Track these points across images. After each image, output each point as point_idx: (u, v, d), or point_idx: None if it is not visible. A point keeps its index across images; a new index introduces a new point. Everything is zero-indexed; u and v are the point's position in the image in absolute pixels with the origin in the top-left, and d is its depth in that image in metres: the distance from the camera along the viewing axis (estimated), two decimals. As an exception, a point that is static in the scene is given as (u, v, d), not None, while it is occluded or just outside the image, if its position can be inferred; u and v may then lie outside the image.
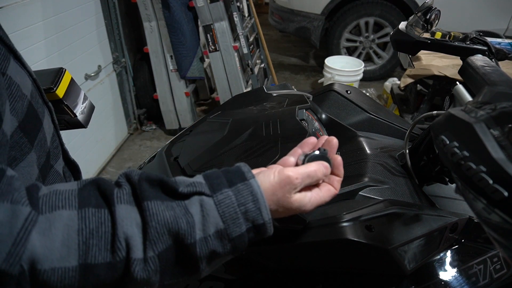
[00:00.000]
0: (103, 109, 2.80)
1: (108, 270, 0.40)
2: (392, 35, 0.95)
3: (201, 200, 0.45)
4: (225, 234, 0.45)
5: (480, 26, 3.47)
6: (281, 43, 5.39)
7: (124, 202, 0.42)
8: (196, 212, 0.44)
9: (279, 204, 0.49)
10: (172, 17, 2.69)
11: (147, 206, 0.42)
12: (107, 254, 0.40)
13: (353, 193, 0.77)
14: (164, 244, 0.42)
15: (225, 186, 0.46)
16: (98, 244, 0.39)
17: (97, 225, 0.40)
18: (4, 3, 1.81)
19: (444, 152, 0.49)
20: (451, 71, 2.42)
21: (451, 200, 0.84)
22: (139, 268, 0.41)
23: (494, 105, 0.48)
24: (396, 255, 0.65)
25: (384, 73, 4.12)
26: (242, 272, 0.78)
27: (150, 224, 0.41)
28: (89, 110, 0.83)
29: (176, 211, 0.43)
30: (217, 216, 0.45)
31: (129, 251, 0.40)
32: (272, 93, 1.09)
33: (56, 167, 0.61)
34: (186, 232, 0.43)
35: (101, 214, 0.41)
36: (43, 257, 0.37)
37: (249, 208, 0.46)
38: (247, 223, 0.46)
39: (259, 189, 0.47)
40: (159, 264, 0.42)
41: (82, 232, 0.39)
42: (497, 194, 0.41)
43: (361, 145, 0.92)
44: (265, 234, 0.48)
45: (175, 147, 1.00)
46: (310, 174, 0.51)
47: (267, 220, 0.47)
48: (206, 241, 0.44)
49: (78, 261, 0.38)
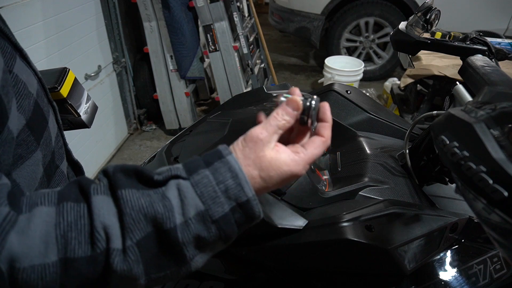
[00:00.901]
0: (103, 109, 2.80)
1: (89, 264, 0.39)
2: (392, 35, 0.95)
3: (177, 183, 0.43)
4: (206, 215, 0.42)
5: (480, 26, 3.47)
6: (281, 43, 5.38)
7: (100, 193, 0.41)
8: (173, 196, 0.42)
9: (257, 167, 0.45)
10: (172, 17, 2.69)
11: (121, 194, 0.41)
12: (87, 247, 0.39)
13: (353, 193, 0.78)
14: (142, 232, 0.40)
15: (202, 167, 0.44)
16: (77, 237, 0.39)
17: (76, 218, 0.39)
18: (4, 3, 1.81)
19: (444, 152, 0.49)
20: (451, 71, 2.42)
21: (451, 200, 0.84)
22: (119, 259, 0.39)
23: (494, 105, 0.48)
24: (396, 255, 0.65)
25: (384, 73, 4.12)
26: (242, 272, 0.78)
27: (125, 211, 0.40)
28: (92, 110, 0.83)
29: (153, 197, 0.41)
30: (195, 197, 0.42)
31: (108, 241, 0.39)
32: (272, 93, 1.09)
33: (62, 168, 0.61)
34: (164, 216, 0.41)
35: (80, 207, 0.40)
36: (21, 255, 0.36)
37: (229, 185, 0.43)
38: (229, 202, 0.43)
39: (237, 164, 0.44)
40: (139, 254, 0.40)
41: (60, 225, 0.38)
42: (497, 194, 0.41)
43: (361, 145, 0.92)
44: (254, 215, 0.45)
45: (175, 147, 1.00)
46: (271, 122, 0.47)
47: (251, 196, 0.44)
48: (187, 225, 0.41)
49: (57, 256, 0.38)
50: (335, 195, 0.76)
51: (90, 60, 2.62)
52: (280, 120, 0.48)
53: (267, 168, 0.46)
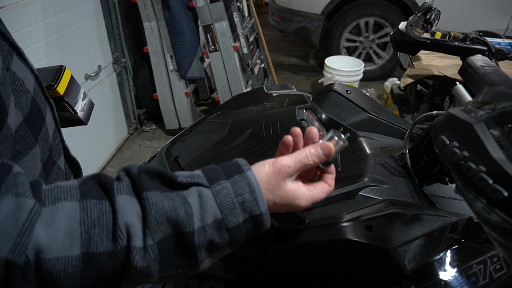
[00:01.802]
0: (103, 109, 2.80)
1: (110, 259, 0.41)
2: (392, 35, 0.95)
3: (199, 190, 0.46)
4: (222, 224, 0.46)
5: (480, 26, 3.47)
6: (281, 43, 5.38)
7: (124, 193, 0.43)
8: (194, 202, 0.45)
9: (275, 194, 0.50)
10: (172, 17, 2.69)
11: (146, 196, 0.43)
12: (108, 243, 0.41)
13: (353, 193, 0.78)
14: (163, 233, 0.43)
15: (222, 178, 0.48)
16: (99, 233, 0.40)
17: (99, 215, 0.41)
18: (4, 3, 1.81)
19: (444, 152, 0.49)
20: (451, 71, 2.42)
21: (451, 200, 0.84)
22: (139, 257, 0.42)
23: (494, 105, 0.48)
24: (396, 255, 0.65)
25: (384, 73, 4.12)
26: (242, 272, 0.78)
27: (150, 213, 0.42)
28: (89, 107, 0.84)
29: (175, 201, 0.44)
30: (215, 206, 0.45)
31: (129, 240, 0.41)
32: (272, 93, 1.09)
33: (59, 163, 0.62)
34: (185, 221, 0.44)
35: (102, 205, 0.42)
36: (47, 247, 0.38)
37: (246, 199, 0.47)
38: (244, 214, 0.47)
39: (255, 180, 0.48)
40: (158, 253, 0.43)
41: (84, 222, 0.40)
42: (497, 194, 0.41)
43: (361, 145, 0.92)
44: (262, 227, 0.49)
45: (175, 147, 1.01)
46: (301, 159, 0.51)
47: (264, 211, 0.48)
48: (204, 230, 0.45)
49: (80, 250, 0.39)
50: (335, 195, 0.76)
51: (90, 60, 2.62)
52: (310, 160, 0.52)
53: (283, 197, 0.50)
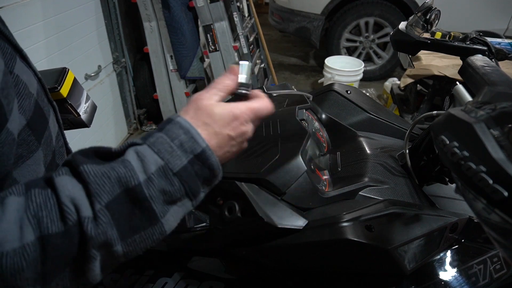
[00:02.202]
0: (103, 109, 2.80)
1: (65, 237, 0.40)
2: (392, 35, 0.95)
3: (135, 149, 0.46)
4: (167, 169, 0.45)
5: (480, 26, 3.47)
6: (281, 43, 5.38)
7: (62, 175, 0.43)
8: (133, 159, 0.45)
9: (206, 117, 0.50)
10: (172, 17, 2.69)
11: (82, 169, 0.43)
12: (59, 222, 0.40)
13: (353, 193, 0.78)
14: (109, 194, 0.42)
15: (155, 132, 0.48)
16: (48, 215, 0.40)
17: (44, 200, 0.41)
18: (4, 3, 1.81)
19: (444, 152, 0.49)
20: (451, 71, 2.42)
21: (451, 200, 0.84)
22: (92, 226, 0.41)
23: (494, 105, 0.48)
24: (396, 255, 0.65)
25: (384, 73, 4.12)
26: (242, 272, 0.78)
27: (89, 180, 0.42)
28: (91, 110, 0.84)
29: (112, 164, 0.44)
30: (153, 154, 0.45)
31: (78, 212, 0.41)
32: (272, 93, 1.09)
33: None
34: (127, 175, 0.43)
35: (46, 191, 0.42)
36: (2, 241, 0.38)
37: (182, 140, 0.47)
38: (186, 155, 0.46)
39: (186, 121, 0.48)
40: (110, 216, 0.42)
41: (30, 208, 0.40)
42: (497, 194, 0.41)
43: (361, 145, 0.92)
44: (212, 165, 0.48)
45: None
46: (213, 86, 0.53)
47: (205, 146, 0.47)
48: (150, 180, 0.44)
49: (34, 235, 0.39)
50: (335, 195, 0.76)
51: (90, 60, 2.62)
52: (220, 84, 0.53)
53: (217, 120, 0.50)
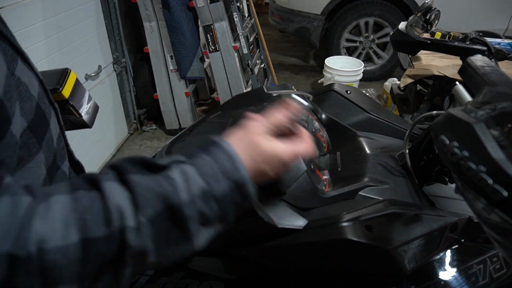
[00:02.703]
0: (103, 109, 2.80)
1: (106, 242, 0.41)
2: (392, 35, 0.95)
3: (180, 167, 0.47)
4: (209, 193, 0.47)
5: (480, 26, 3.46)
6: (281, 43, 5.38)
7: (110, 180, 0.45)
8: (178, 177, 0.46)
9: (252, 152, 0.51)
10: (172, 17, 2.69)
11: (130, 178, 0.44)
12: (103, 227, 0.42)
13: (353, 193, 0.78)
14: (153, 209, 0.44)
15: (199, 153, 0.49)
16: (93, 219, 0.41)
17: (90, 203, 0.42)
18: (4, 3, 1.81)
19: (444, 152, 0.49)
20: (451, 71, 2.42)
21: (451, 200, 0.84)
22: (133, 236, 0.42)
23: (494, 105, 0.48)
24: (396, 255, 0.65)
25: (384, 73, 4.12)
26: (242, 272, 0.78)
27: (137, 191, 0.44)
28: (93, 110, 0.84)
29: (159, 178, 0.46)
30: (197, 177, 0.47)
31: (122, 220, 0.42)
32: (272, 93, 1.09)
33: (63, 168, 0.62)
34: (172, 193, 0.45)
35: (92, 194, 0.43)
36: (47, 238, 0.39)
37: (226, 166, 0.48)
38: (228, 182, 0.48)
39: (231, 148, 0.50)
40: (151, 229, 0.44)
41: (77, 210, 0.41)
42: (497, 194, 0.41)
43: (361, 145, 0.92)
44: (248, 195, 0.50)
45: (175, 147, 1.00)
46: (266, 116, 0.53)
47: (245, 175, 0.49)
48: (192, 201, 0.46)
49: (78, 237, 0.40)
50: (335, 195, 0.76)
51: (90, 60, 2.62)
52: (276, 117, 0.54)
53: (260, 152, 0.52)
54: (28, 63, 0.56)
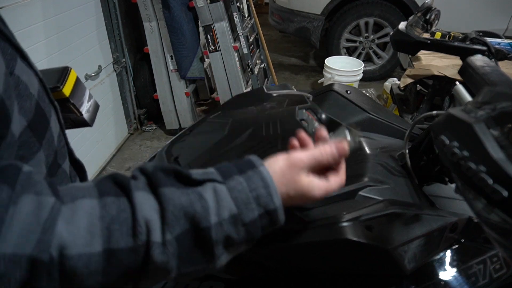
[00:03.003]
0: (104, 109, 2.80)
1: (131, 255, 0.41)
2: (392, 35, 0.95)
3: (214, 186, 0.46)
4: (239, 218, 0.46)
5: (480, 26, 3.46)
6: (281, 43, 5.38)
7: (141, 189, 0.44)
8: (210, 198, 0.45)
9: (289, 187, 0.51)
10: (172, 17, 2.69)
11: (163, 192, 0.44)
12: (129, 239, 0.41)
13: (353, 193, 0.78)
14: (181, 228, 0.43)
15: (235, 174, 0.48)
16: (120, 229, 0.41)
17: (118, 212, 0.41)
18: (4, 3, 1.81)
19: (444, 152, 0.49)
20: (451, 71, 2.42)
21: (451, 200, 0.84)
22: (158, 252, 0.42)
23: (494, 105, 0.48)
24: (396, 255, 0.65)
25: (384, 73, 4.12)
26: (242, 272, 0.78)
27: (167, 208, 0.43)
28: (94, 109, 0.83)
29: (191, 196, 0.45)
30: (230, 201, 0.46)
31: (149, 235, 0.42)
32: (272, 93, 1.09)
33: (64, 167, 0.62)
34: (202, 215, 0.44)
35: (120, 201, 0.42)
36: (69, 244, 0.38)
37: (260, 193, 0.47)
38: (259, 209, 0.47)
39: (268, 175, 0.49)
40: (176, 248, 0.43)
41: (104, 218, 0.41)
42: (497, 194, 0.41)
43: (361, 145, 0.92)
44: (277, 222, 0.49)
45: (175, 147, 1.01)
46: (315, 156, 0.53)
47: (278, 205, 0.48)
48: (221, 225, 0.45)
49: (102, 246, 0.40)
50: (335, 195, 0.76)
51: (90, 60, 2.62)
52: (324, 158, 0.53)
53: (297, 190, 0.51)
54: (28, 62, 0.56)
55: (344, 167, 0.57)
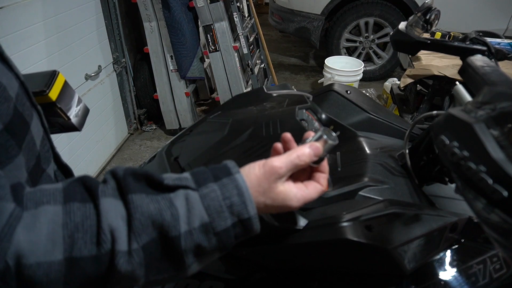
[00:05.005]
0: (103, 109, 2.80)
1: (94, 263, 0.40)
2: (392, 35, 0.95)
3: (186, 193, 0.45)
4: (210, 227, 0.45)
5: (480, 26, 3.47)
6: (281, 43, 5.38)
7: (108, 195, 0.42)
8: (181, 205, 0.44)
9: (266, 196, 0.49)
10: (172, 17, 2.69)
11: (131, 198, 0.42)
12: (92, 247, 0.40)
13: (353, 193, 0.78)
14: (148, 236, 0.42)
15: (210, 181, 0.47)
16: (83, 237, 0.40)
17: (82, 219, 0.40)
18: (4, 3, 1.81)
19: (444, 152, 0.49)
20: (451, 71, 2.42)
21: (451, 200, 0.84)
22: (123, 261, 0.41)
23: (494, 105, 0.48)
24: (396, 255, 0.65)
25: (384, 73, 4.12)
26: (242, 272, 0.78)
27: (134, 216, 0.42)
28: (83, 113, 0.82)
29: (161, 204, 0.43)
30: (202, 209, 0.45)
31: (114, 243, 0.40)
32: (272, 93, 1.09)
33: (48, 171, 0.60)
34: (171, 224, 0.43)
35: (86, 208, 0.41)
36: (28, 252, 0.37)
37: (234, 202, 0.46)
38: (232, 217, 0.46)
39: (244, 183, 0.47)
40: (143, 257, 0.42)
41: (67, 226, 0.39)
42: (497, 194, 0.41)
43: (361, 145, 0.92)
44: (252, 231, 0.48)
45: (175, 147, 1.01)
46: (292, 160, 0.51)
47: (253, 214, 0.47)
48: (190, 234, 0.44)
49: (63, 255, 0.39)
50: (335, 195, 0.76)
51: (90, 60, 2.62)
52: (301, 161, 0.51)
53: (274, 199, 0.50)
54: (8, 64, 0.54)
55: (326, 169, 0.56)
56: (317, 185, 0.55)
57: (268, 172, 0.49)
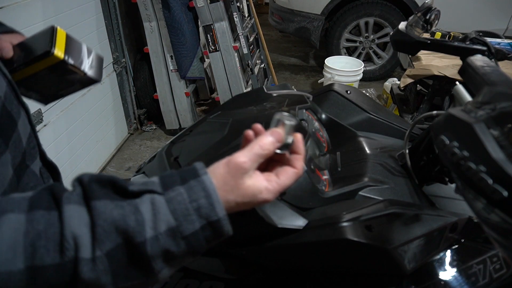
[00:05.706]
0: (104, 109, 2.80)
1: (57, 272, 0.39)
2: (392, 35, 0.95)
3: (152, 198, 0.44)
4: (177, 231, 0.44)
5: (480, 26, 3.47)
6: (281, 43, 5.38)
7: (73, 202, 0.42)
8: (146, 210, 0.43)
9: (235, 193, 0.48)
10: (172, 17, 2.69)
11: (95, 205, 0.42)
12: (55, 255, 0.39)
13: (353, 193, 0.78)
14: (112, 243, 0.41)
15: (177, 184, 0.46)
16: (46, 245, 0.39)
17: (46, 227, 0.40)
18: (4, 3, 1.81)
19: (444, 152, 0.49)
20: (451, 71, 2.42)
21: (451, 200, 0.84)
22: (87, 269, 0.40)
23: (494, 105, 0.48)
24: (396, 255, 0.65)
25: (384, 73, 4.12)
26: (242, 272, 0.78)
27: (97, 222, 0.41)
28: (97, 63, 0.75)
29: (126, 209, 0.43)
30: (168, 213, 0.44)
31: (77, 251, 0.40)
32: (272, 93, 1.09)
33: (33, 168, 0.60)
34: (135, 230, 0.42)
35: (51, 215, 0.40)
36: None
37: (201, 204, 0.45)
38: (200, 220, 0.45)
39: (211, 184, 0.46)
40: (108, 264, 0.41)
41: (29, 234, 0.39)
42: (497, 194, 0.41)
43: (361, 145, 0.92)
44: (223, 233, 0.47)
45: (175, 147, 1.01)
46: (255, 152, 0.49)
47: (222, 216, 0.46)
48: (157, 239, 0.43)
49: (24, 264, 0.38)
50: (335, 195, 0.76)
51: (90, 60, 2.61)
52: (264, 150, 0.49)
53: (243, 195, 0.48)
54: None
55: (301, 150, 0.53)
56: (290, 170, 0.52)
57: (233, 169, 0.48)
